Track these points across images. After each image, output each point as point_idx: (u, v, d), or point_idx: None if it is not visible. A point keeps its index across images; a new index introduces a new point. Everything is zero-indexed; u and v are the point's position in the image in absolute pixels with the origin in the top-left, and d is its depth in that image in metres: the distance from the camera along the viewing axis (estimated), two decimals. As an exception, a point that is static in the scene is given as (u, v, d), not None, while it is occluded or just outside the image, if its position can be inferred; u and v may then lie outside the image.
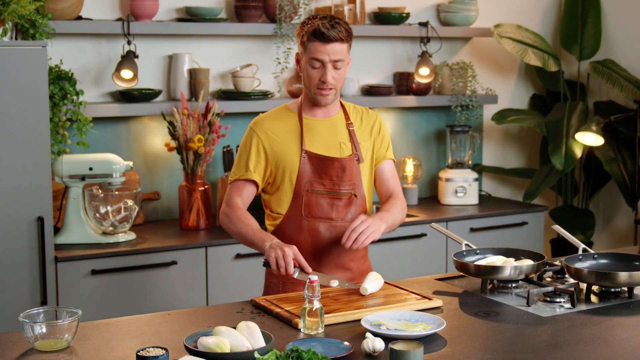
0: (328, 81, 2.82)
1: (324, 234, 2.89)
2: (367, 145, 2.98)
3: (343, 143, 2.93)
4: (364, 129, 2.99)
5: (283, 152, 2.88)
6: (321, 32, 2.77)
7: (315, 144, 2.90)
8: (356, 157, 2.93)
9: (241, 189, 2.91)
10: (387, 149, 3.04)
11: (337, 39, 2.79)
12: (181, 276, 3.86)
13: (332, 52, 2.80)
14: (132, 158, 4.27)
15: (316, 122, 2.93)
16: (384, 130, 3.04)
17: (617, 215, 5.46)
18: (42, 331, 2.23)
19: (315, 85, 2.84)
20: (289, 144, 2.89)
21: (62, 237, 3.82)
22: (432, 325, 2.35)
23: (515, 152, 5.53)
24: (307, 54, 2.82)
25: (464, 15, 5.01)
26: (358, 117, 3.00)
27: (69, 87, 3.94)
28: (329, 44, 2.79)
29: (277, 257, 2.66)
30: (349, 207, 2.92)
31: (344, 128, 2.95)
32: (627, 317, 2.55)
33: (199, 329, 2.38)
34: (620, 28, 5.31)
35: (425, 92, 4.96)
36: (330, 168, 2.89)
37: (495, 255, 2.99)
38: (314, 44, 2.80)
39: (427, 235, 4.45)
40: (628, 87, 5.02)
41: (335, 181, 2.89)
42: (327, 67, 2.81)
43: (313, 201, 2.88)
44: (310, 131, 2.91)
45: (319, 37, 2.78)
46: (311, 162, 2.88)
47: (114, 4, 4.25)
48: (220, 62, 4.50)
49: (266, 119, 2.94)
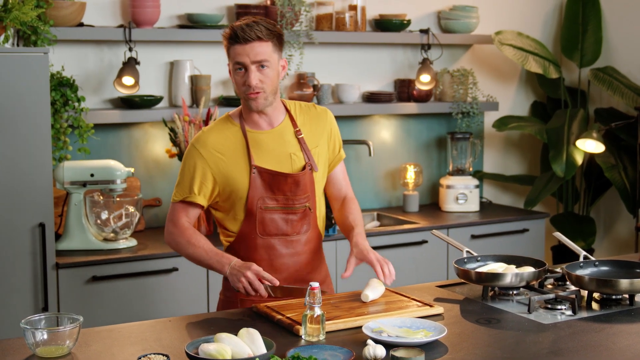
0: (252, 84, 2.68)
1: (280, 249, 2.81)
2: (319, 151, 2.86)
3: (294, 154, 2.81)
4: (315, 132, 2.87)
5: (231, 172, 2.76)
6: (236, 34, 2.66)
7: (264, 158, 2.78)
8: (309, 167, 2.82)
9: (187, 210, 2.81)
10: (340, 148, 2.96)
11: (255, 38, 2.66)
12: (182, 283, 3.86)
13: (253, 52, 2.66)
14: (133, 164, 4.27)
15: (261, 135, 2.80)
16: (335, 129, 2.94)
17: (618, 222, 5.46)
18: (44, 337, 2.22)
19: (243, 90, 2.71)
20: (236, 161, 2.77)
21: (63, 243, 3.82)
22: (433, 332, 2.35)
23: (516, 159, 5.53)
24: (231, 60, 2.71)
25: (464, 23, 5.02)
26: (307, 118, 2.88)
27: (71, 93, 3.95)
28: (247, 45, 2.66)
29: (245, 286, 2.62)
30: (303, 220, 2.84)
31: (292, 137, 2.83)
32: (628, 324, 2.55)
33: (200, 335, 2.38)
34: (620, 35, 5.32)
35: (426, 99, 4.97)
36: (283, 184, 2.78)
37: (496, 262, 2.99)
38: (234, 47, 2.68)
39: (428, 242, 4.45)
40: (629, 94, 5.02)
41: (289, 196, 2.79)
42: (250, 70, 2.67)
43: (267, 218, 2.79)
44: (257, 145, 2.78)
45: (236, 39, 2.67)
46: (262, 178, 2.77)
47: (115, 10, 4.26)
48: (221, 68, 4.50)
49: (209, 135, 2.80)
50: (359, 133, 4.90)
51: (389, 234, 4.37)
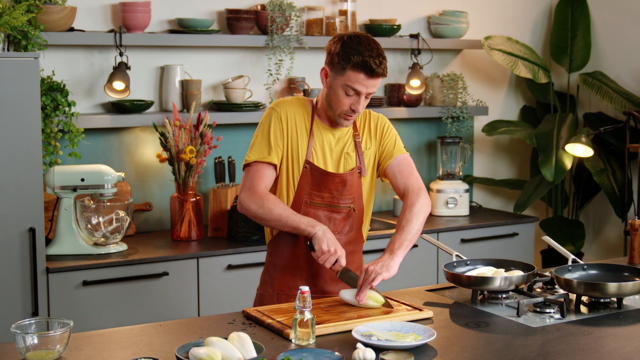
0: (359, 111, 2.80)
1: None
2: (370, 153, 2.94)
3: (347, 154, 2.89)
4: (369, 136, 2.95)
5: (294, 149, 2.85)
6: (371, 67, 2.72)
7: (319, 153, 2.87)
8: (359, 170, 2.91)
9: (263, 174, 2.83)
10: (395, 146, 2.97)
11: (381, 75, 2.77)
12: (173, 287, 3.86)
13: (372, 85, 2.76)
14: (124, 169, 4.28)
15: (326, 129, 2.88)
16: (389, 129, 2.98)
17: (606, 226, 5.49)
18: (34, 342, 2.23)
19: (343, 110, 2.79)
20: (301, 144, 2.85)
21: (54, 248, 3.82)
22: (422, 336, 2.36)
23: (506, 164, 5.56)
24: (345, 79, 2.75)
25: (454, 28, 5.04)
26: (364, 122, 2.96)
27: (61, 98, 3.95)
28: (371, 79, 2.75)
29: (326, 255, 2.67)
30: (346, 221, 2.91)
31: (350, 139, 2.91)
32: (617, 327, 2.57)
33: (191, 339, 2.39)
34: (609, 40, 5.35)
35: (416, 103, 4.98)
36: (330, 182, 2.86)
37: (486, 266, 3.01)
38: (358, 74, 2.73)
39: (417, 246, 4.46)
40: (617, 98, 5.05)
41: (335, 195, 2.87)
42: (361, 97, 2.77)
43: (312, 213, 2.85)
44: (319, 138, 2.87)
45: (367, 71, 2.73)
46: (312, 174, 2.86)
47: (106, 15, 4.27)
48: (212, 73, 4.51)
49: (290, 106, 2.88)
50: (349, 137, 4.91)
51: (379, 238, 4.37)
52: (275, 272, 2.94)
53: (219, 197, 4.24)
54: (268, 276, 2.97)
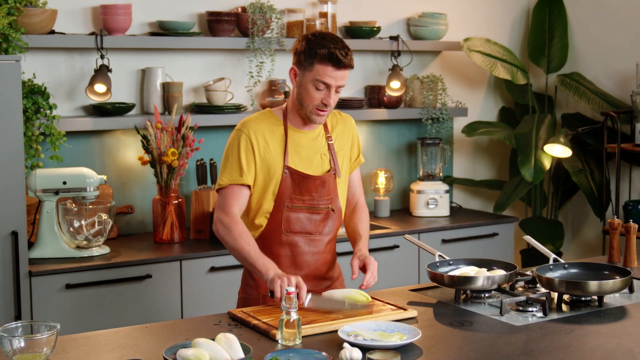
0: (331, 105, 2.84)
1: (303, 247, 2.93)
2: (343, 155, 3.01)
3: (323, 155, 2.95)
4: (341, 137, 3.02)
5: (269, 162, 2.88)
6: (338, 58, 2.77)
7: (297, 156, 2.91)
8: (334, 172, 2.96)
9: (237, 195, 2.87)
10: (359, 153, 3.10)
11: (348, 66, 2.81)
12: (156, 289, 3.86)
13: (341, 77, 2.81)
14: (106, 172, 4.27)
15: (300, 133, 2.92)
16: (357, 134, 3.10)
17: (585, 226, 5.54)
18: (21, 345, 2.23)
19: (314, 105, 2.84)
20: (275, 155, 2.89)
21: (36, 251, 3.81)
22: (407, 335, 2.39)
23: (485, 164, 5.60)
24: (314, 74, 2.80)
25: (433, 29, 5.08)
26: (334, 123, 3.03)
27: (42, 101, 3.94)
28: (340, 70, 2.79)
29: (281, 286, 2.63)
30: (326, 221, 2.96)
31: (324, 141, 2.98)
32: (598, 325, 2.61)
33: (177, 341, 2.40)
34: (586, 42, 5.41)
35: (397, 105, 5.01)
36: (311, 185, 2.91)
37: (468, 265, 3.04)
38: (326, 67, 2.78)
39: (399, 247, 4.49)
40: (595, 99, 5.10)
41: (315, 196, 2.92)
42: (331, 91, 2.81)
43: (293, 217, 2.91)
44: (294, 143, 2.91)
45: (334, 62, 2.77)
46: (292, 179, 2.89)
47: (86, 18, 4.26)
48: (193, 75, 4.52)
49: (256, 122, 2.91)
50: (330, 139, 4.93)
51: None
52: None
53: (201, 199, 4.24)
54: (251, 279, 2.99)
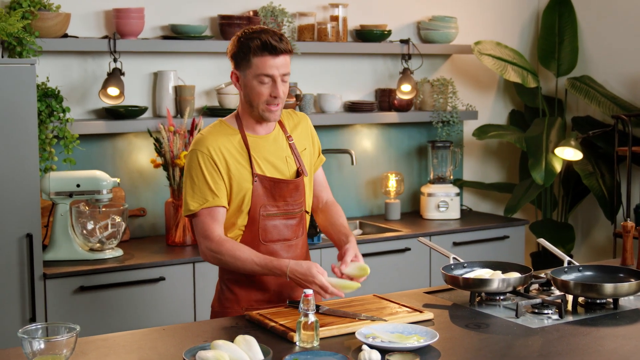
0: (281, 95, 2.73)
1: (281, 254, 2.83)
2: (306, 154, 2.92)
3: (288, 157, 2.86)
4: (300, 136, 2.93)
5: (234, 175, 2.77)
6: (272, 45, 2.67)
7: (263, 163, 2.81)
8: (301, 171, 2.87)
9: (214, 217, 2.74)
10: (320, 152, 3.01)
11: (287, 51, 2.72)
12: (169, 292, 3.87)
13: (282, 65, 2.71)
14: (118, 175, 4.28)
15: (260, 139, 2.82)
16: (315, 133, 3.01)
17: (596, 229, 5.54)
18: (41, 347, 2.23)
19: (264, 101, 2.73)
20: (239, 166, 2.77)
21: (50, 254, 3.82)
22: (425, 337, 2.39)
23: (496, 167, 5.60)
24: (254, 70, 2.70)
25: (444, 33, 5.08)
26: (292, 124, 2.94)
27: (56, 104, 3.96)
28: (278, 57, 2.69)
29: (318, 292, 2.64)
30: (300, 224, 2.89)
31: (285, 142, 2.88)
32: (614, 327, 2.61)
33: (195, 343, 2.40)
34: (596, 45, 5.41)
35: (407, 108, 5.02)
36: (285, 189, 2.82)
37: (483, 268, 3.05)
38: (263, 58, 2.68)
39: (411, 249, 4.50)
40: (605, 102, 5.11)
41: (289, 201, 2.84)
42: (277, 82, 2.71)
43: (270, 225, 2.81)
44: (257, 149, 2.81)
45: (269, 50, 2.68)
46: (263, 186, 2.79)
47: (99, 22, 4.28)
48: (205, 79, 4.53)
49: (211, 138, 2.77)
50: (341, 142, 4.95)
51: (371, 242, 4.41)
52: (239, 289, 2.86)
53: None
54: (230, 293, 2.88)
